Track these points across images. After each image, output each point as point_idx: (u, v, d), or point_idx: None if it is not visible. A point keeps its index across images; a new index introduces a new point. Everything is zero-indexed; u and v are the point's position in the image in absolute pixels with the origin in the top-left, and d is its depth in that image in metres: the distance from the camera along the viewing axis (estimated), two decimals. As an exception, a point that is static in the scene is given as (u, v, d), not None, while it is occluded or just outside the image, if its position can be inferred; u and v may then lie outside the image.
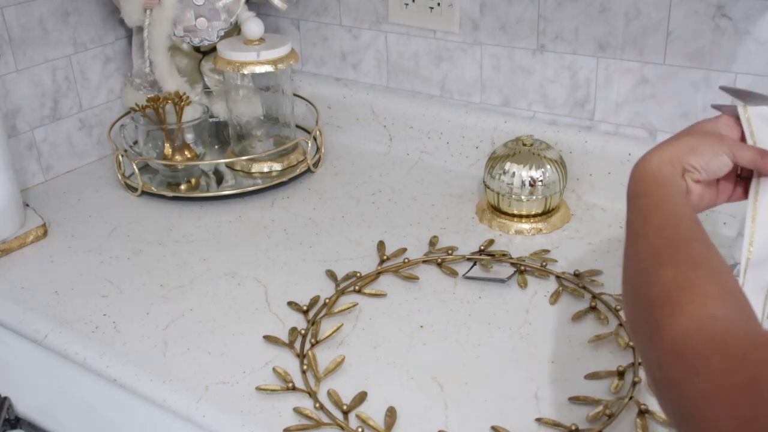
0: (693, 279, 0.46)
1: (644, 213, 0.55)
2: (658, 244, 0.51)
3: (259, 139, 1.13)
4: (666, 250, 0.50)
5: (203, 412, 0.69)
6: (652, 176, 0.57)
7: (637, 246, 0.53)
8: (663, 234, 0.52)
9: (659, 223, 0.53)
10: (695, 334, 0.42)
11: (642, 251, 0.52)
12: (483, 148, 1.07)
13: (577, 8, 0.96)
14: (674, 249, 0.50)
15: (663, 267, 0.48)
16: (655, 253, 0.50)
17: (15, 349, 0.80)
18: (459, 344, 0.76)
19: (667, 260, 0.49)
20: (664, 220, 0.53)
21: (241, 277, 0.87)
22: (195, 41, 1.07)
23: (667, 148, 0.59)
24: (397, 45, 1.13)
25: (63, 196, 1.07)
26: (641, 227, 0.54)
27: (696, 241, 0.51)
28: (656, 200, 0.55)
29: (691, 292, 0.45)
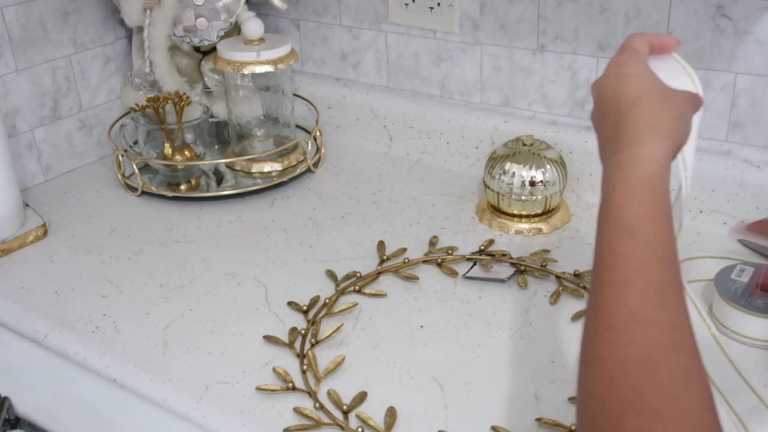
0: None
1: (630, 259, 0.46)
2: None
3: (259, 139, 1.13)
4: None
5: (203, 412, 0.69)
6: (639, 190, 0.48)
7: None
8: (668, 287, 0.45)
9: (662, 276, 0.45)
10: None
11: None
12: (483, 148, 1.07)
13: (577, 8, 0.96)
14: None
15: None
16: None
17: (15, 349, 0.80)
18: (459, 344, 0.76)
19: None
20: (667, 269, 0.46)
21: (241, 277, 0.87)
22: (195, 41, 1.07)
23: (666, 133, 0.50)
24: (397, 45, 1.13)
25: (63, 196, 1.07)
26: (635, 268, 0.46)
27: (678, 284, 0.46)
28: (656, 233, 0.47)
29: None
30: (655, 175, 0.49)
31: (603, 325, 0.45)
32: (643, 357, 0.42)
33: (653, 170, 0.49)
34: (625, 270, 0.46)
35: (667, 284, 0.45)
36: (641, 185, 0.48)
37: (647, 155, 0.49)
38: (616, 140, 0.52)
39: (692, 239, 0.91)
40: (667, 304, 0.44)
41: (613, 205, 0.49)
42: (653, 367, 0.42)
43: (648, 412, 0.40)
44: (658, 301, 0.44)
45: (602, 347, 0.44)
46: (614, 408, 0.41)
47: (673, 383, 0.41)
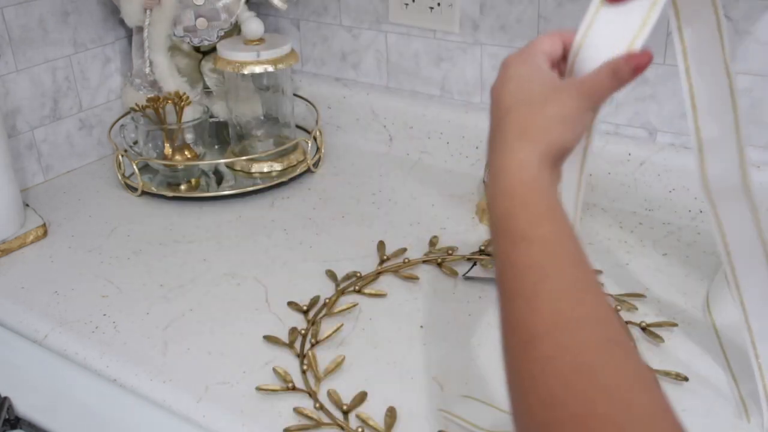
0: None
1: (531, 266, 0.43)
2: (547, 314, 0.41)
3: (259, 139, 1.13)
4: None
5: (203, 412, 0.69)
6: (521, 196, 0.45)
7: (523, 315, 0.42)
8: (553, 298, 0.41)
9: (550, 287, 0.42)
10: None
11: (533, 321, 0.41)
12: (483, 148, 1.07)
13: (577, 8, 0.96)
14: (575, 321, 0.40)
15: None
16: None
17: (15, 349, 0.80)
18: (459, 344, 0.76)
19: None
20: (551, 281, 0.42)
21: (241, 277, 0.87)
22: (195, 41, 1.07)
23: (534, 137, 0.47)
24: (397, 45, 1.13)
25: (63, 196, 1.07)
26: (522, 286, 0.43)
27: (585, 286, 0.43)
28: (540, 246, 0.43)
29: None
30: (535, 178, 0.46)
31: (522, 341, 0.41)
32: (579, 363, 0.38)
33: (532, 174, 0.46)
34: (530, 278, 0.42)
35: (579, 281, 0.42)
36: (523, 190, 0.45)
37: (521, 162, 0.46)
38: (492, 149, 0.49)
39: (692, 239, 0.91)
40: (586, 301, 0.41)
41: (500, 217, 0.46)
42: (594, 371, 0.38)
43: (605, 426, 0.35)
44: (576, 298, 0.41)
45: (530, 365, 0.40)
46: (565, 431, 0.36)
47: (621, 386, 0.37)
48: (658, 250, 0.89)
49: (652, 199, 0.95)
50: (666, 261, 0.87)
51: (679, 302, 0.80)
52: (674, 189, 0.94)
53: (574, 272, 0.43)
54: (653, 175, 0.94)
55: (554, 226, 0.44)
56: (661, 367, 0.71)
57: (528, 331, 0.41)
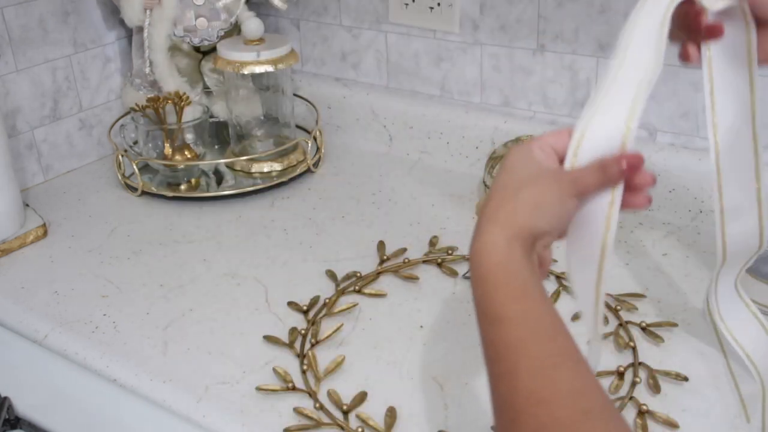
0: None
1: (508, 345, 0.45)
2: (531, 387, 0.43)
3: (259, 139, 1.13)
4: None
5: (203, 412, 0.69)
6: (493, 278, 0.47)
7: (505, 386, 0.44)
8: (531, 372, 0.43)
9: (527, 362, 0.44)
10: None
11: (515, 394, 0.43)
12: (483, 148, 1.07)
13: (577, 8, 0.96)
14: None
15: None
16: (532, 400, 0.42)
17: (15, 349, 0.80)
18: (459, 344, 0.76)
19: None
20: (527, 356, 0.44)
21: (241, 277, 0.87)
22: (195, 41, 1.07)
23: (503, 221, 0.48)
24: (397, 45, 1.13)
25: (63, 196, 1.07)
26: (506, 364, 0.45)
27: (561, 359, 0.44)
28: (517, 322, 0.45)
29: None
30: (502, 260, 0.47)
31: (508, 420, 0.43)
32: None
33: (498, 257, 0.47)
34: (509, 357, 0.44)
35: (554, 355, 0.44)
36: (494, 272, 0.47)
37: (487, 245, 0.48)
38: (473, 234, 0.51)
39: (692, 239, 0.91)
40: (561, 376, 0.43)
41: (477, 301, 0.48)
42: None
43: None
44: (550, 374, 0.43)
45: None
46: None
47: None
48: (658, 250, 0.89)
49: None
50: (666, 261, 0.87)
51: (679, 302, 0.80)
52: (674, 189, 0.94)
53: (548, 347, 0.44)
54: (653, 175, 0.94)
55: (526, 304, 0.46)
56: (661, 367, 0.71)
57: (511, 409, 0.43)
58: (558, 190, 0.49)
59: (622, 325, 0.77)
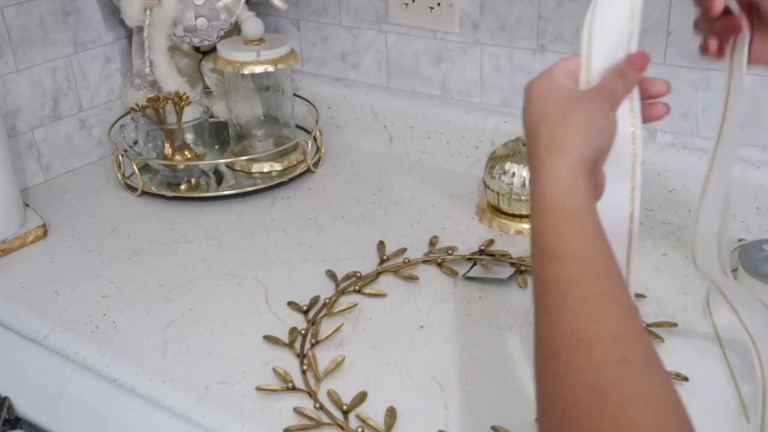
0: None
1: (558, 282, 0.45)
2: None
3: (259, 139, 1.13)
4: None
5: (203, 412, 0.69)
6: (555, 212, 0.46)
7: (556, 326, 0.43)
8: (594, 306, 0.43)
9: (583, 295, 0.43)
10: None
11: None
12: (483, 148, 1.07)
13: (577, 8, 0.96)
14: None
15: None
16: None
17: (15, 349, 0.80)
18: (459, 344, 0.76)
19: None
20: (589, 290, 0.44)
21: (241, 277, 0.87)
22: (195, 41, 1.07)
23: (565, 148, 0.48)
24: (397, 45, 1.13)
25: (63, 196, 1.07)
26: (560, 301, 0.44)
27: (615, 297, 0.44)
28: (583, 259, 0.45)
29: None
30: (564, 193, 0.47)
31: (546, 356, 0.43)
32: (591, 381, 0.40)
33: (561, 189, 0.47)
34: (556, 295, 0.44)
35: (602, 297, 0.43)
36: (552, 207, 0.47)
37: (551, 176, 0.48)
38: (529, 168, 0.51)
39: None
40: (606, 319, 0.42)
41: (534, 233, 0.48)
42: (604, 389, 0.40)
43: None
44: (596, 316, 0.42)
45: (549, 379, 0.42)
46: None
47: (628, 403, 0.39)
48: (658, 250, 0.89)
49: (652, 199, 0.95)
50: (666, 261, 0.87)
51: (679, 302, 0.80)
52: (674, 189, 0.94)
53: (597, 289, 0.44)
54: (653, 175, 0.94)
55: (584, 242, 0.46)
56: (661, 367, 0.71)
57: (550, 346, 0.43)
58: (601, 106, 0.50)
59: (622, 325, 0.77)
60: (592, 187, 0.49)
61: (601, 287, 0.44)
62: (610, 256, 0.46)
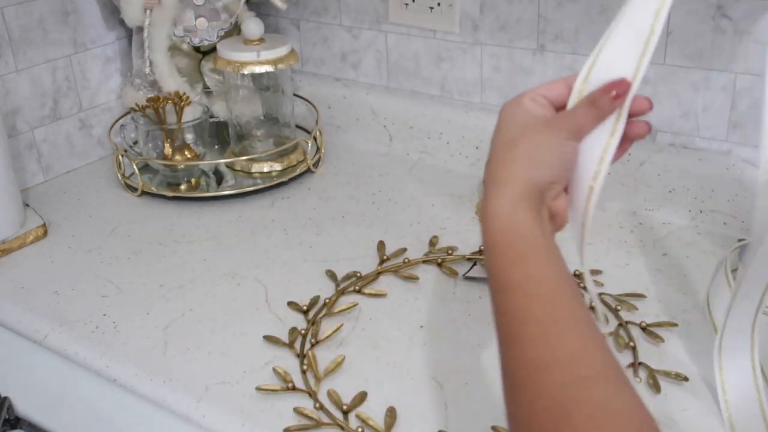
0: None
1: (511, 313, 0.46)
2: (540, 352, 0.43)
3: (259, 139, 1.13)
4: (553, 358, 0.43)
5: (203, 412, 0.69)
6: (498, 245, 0.47)
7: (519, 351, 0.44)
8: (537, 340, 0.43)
9: (531, 330, 0.44)
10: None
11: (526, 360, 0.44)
12: (483, 148, 1.07)
13: (577, 8, 0.96)
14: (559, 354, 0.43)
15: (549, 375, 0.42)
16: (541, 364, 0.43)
17: (15, 349, 0.80)
18: (459, 344, 0.76)
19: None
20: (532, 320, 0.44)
21: (241, 277, 0.87)
22: (195, 41, 1.07)
23: (505, 181, 0.48)
24: (397, 45, 1.13)
25: (63, 196, 1.07)
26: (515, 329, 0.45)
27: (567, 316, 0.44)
28: (522, 286, 0.45)
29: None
30: (505, 226, 0.47)
31: (511, 386, 0.44)
32: (554, 404, 0.41)
33: (502, 222, 0.47)
34: (512, 325, 0.45)
35: (555, 321, 0.44)
36: (495, 241, 0.47)
37: (492, 210, 0.48)
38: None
39: (692, 239, 0.91)
40: (560, 341, 0.43)
41: (487, 267, 0.48)
42: (567, 413, 0.40)
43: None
44: (551, 341, 0.43)
45: (517, 408, 0.43)
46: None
47: (591, 420, 0.39)
48: (658, 250, 0.89)
49: (652, 199, 0.95)
50: (666, 261, 0.87)
51: (679, 302, 0.80)
52: (674, 189, 0.94)
53: (549, 312, 0.44)
54: (653, 175, 0.94)
55: (527, 270, 0.46)
56: (661, 367, 0.71)
57: (515, 376, 0.44)
58: (553, 136, 0.49)
59: (622, 325, 0.77)
60: (537, 217, 0.48)
61: (551, 309, 0.44)
62: (558, 277, 0.46)
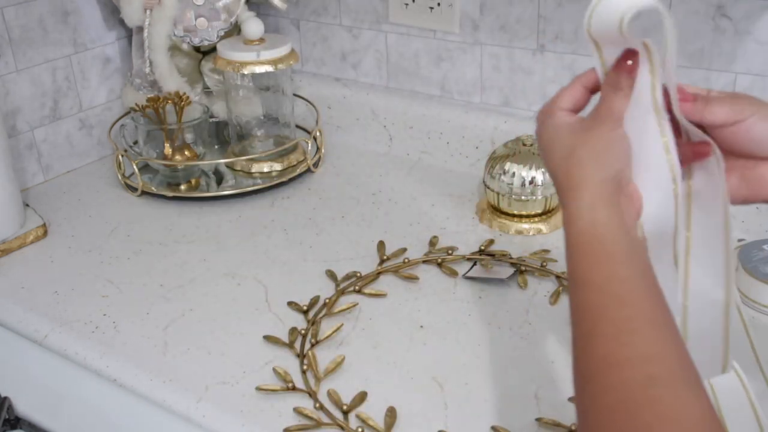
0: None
1: (588, 309, 0.47)
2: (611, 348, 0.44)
3: (259, 139, 1.13)
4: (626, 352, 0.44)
5: (203, 412, 0.69)
6: (581, 245, 0.49)
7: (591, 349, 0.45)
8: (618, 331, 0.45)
9: (609, 325, 0.45)
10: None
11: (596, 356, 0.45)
12: (483, 148, 1.07)
13: (577, 8, 0.96)
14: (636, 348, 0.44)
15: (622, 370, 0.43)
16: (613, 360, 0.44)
17: (15, 349, 0.80)
18: (459, 344, 0.76)
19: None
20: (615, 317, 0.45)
21: (241, 277, 0.87)
22: (195, 41, 1.07)
23: (579, 185, 0.50)
24: (397, 45, 1.13)
25: (63, 196, 1.07)
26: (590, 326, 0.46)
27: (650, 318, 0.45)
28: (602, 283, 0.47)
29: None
30: (587, 226, 0.49)
31: (581, 379, 0.45)
32: (622, 401, 0.42)
33: (584, 224, 0.49)
34: (587, 320, 0.46)
35: (632, 320, 0.45)
36: (579, 241, 0.49)
37: (573, 214, 0.50)
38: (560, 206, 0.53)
39: (692, 239, 0.91)
40: (635, 341, 0.44)
41: (568, 266, 0.50)
42: (636, 409, 0.41)
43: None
44: (626, 339, 0.44)
45: (585, 399, 0.44)
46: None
47: (657, 421, 0.40)
48: (658, 250, 0.89)
49: (652, 199, 0.95)
50: (666, 261, 0.87)
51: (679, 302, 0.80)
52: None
53: (627, 312, 0.45)
54: (653, 175, 0.94)
55: (610, 268, 0.47)
56: (661, 367, 0.71)
57: (585, 370, 0.45)
58: (603, 129, 0.51)
59: (622, 325, 0.77)
60: (616, 212, 0.50)
61: (630, 310, 0.45)
62: (639, 277, 0.47)
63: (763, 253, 0.80)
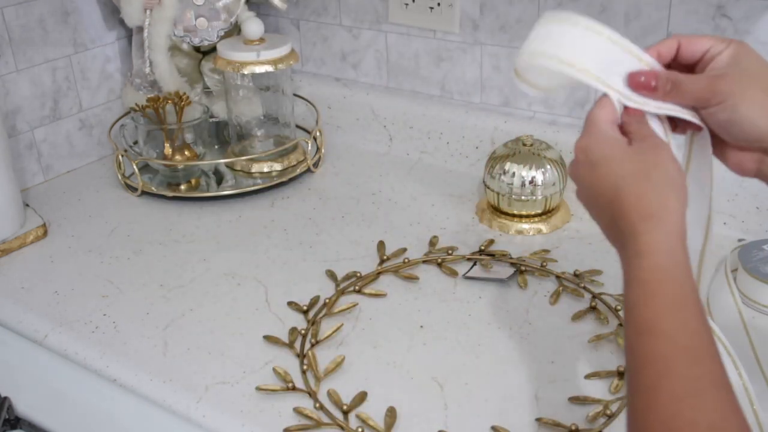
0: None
1: (654, 360, 0.42)
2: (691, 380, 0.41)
3: (259, 139, 1.13)
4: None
5: (203, 412, 0.69)
6: (654, 284, 0.44)
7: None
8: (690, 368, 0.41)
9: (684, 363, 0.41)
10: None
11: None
12: (483, 148, 1.07)
13: (577, 8, 0.96)
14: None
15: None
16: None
17: (15, 349, 0.80)
18: (459, 344, 0.76)
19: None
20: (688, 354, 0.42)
21: (241, 277, 0.87)
22: (195, 41, 1.07)
23: (658, 217, 0.45)
24: (397, 45, 1.13)
25: (63, 196, 1.07)
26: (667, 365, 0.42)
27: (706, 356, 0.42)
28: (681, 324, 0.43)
29: None
30: (665, 265, 0.44)
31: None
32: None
33: (662, 261, 0.44)
34: (651, 373, 0.42)
35: (698, 380, 0.41)
36: (653, 279, 0.44)
37: (649, 246, 0.45)
38: (618, 235, 0.48)
39: (692, 239, 0.91)
40: (702, 405, 0.40)
41: (630, 305, 0.45)
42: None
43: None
44: (692, 402, 0.40)
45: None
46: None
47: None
48: (658, 250, 0.89)
49: (652, 199, 0.95)
50: (666, 261, 0.87)
51: (679, 302, 0.80)
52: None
53: (696, 371, 0.42)
54: (653, 175, 0.94)
55: (681, 317, 0.43)
56: (661, 367, 0.71)
57: (646, 426, 0.41)
58: (666, 157, 0.47)
59: (621, 325, 0.77)
60: (687, 254, 0.45)
61: (699, 368, 0.42)
62: (708, 331, 0.43)
63: (763, 253, 0.80)
